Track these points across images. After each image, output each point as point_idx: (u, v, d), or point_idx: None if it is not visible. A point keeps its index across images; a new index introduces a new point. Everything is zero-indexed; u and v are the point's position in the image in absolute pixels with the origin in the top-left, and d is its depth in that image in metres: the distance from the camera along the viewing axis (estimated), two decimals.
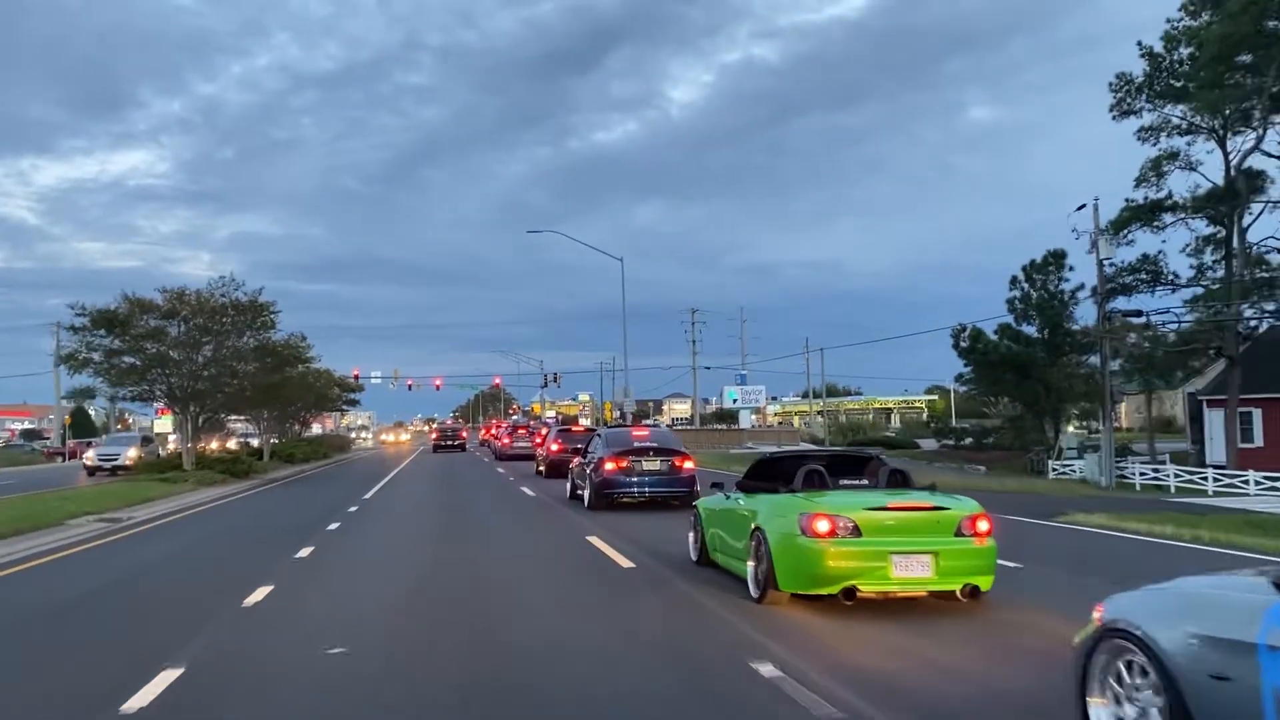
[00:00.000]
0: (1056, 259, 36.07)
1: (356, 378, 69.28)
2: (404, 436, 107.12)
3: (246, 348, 28.89)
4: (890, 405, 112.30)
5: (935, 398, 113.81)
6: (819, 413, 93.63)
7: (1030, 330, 36.70)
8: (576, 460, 21.35)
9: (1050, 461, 33.07)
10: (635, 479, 18.11)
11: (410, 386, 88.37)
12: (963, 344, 36.10)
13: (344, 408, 63.61)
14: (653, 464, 18.27)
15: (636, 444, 18.70)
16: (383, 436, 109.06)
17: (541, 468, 31.48)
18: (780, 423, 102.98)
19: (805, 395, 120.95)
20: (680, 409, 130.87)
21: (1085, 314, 36.35)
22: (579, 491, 20.29)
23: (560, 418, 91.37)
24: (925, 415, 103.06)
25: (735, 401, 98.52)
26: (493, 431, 60.43)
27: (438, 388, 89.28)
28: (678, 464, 18.37)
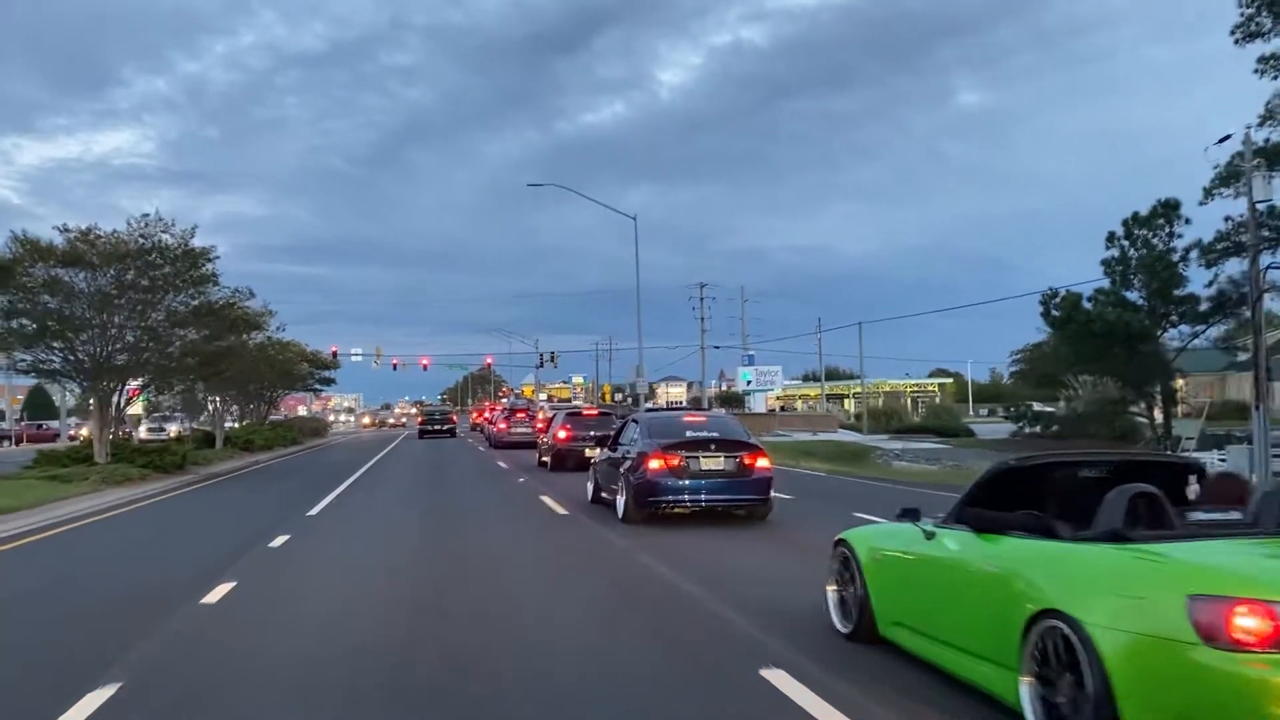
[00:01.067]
0: (1168, 210, 31.26)
1: (334, 355, 64.63)
2: (389, 420, 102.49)
3: (179, 306, 24.10)
4: (901, 388, 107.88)
5: (948, 380, 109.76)
6: (830, 396, 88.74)
7: (1129, 297, 32.00)
8: (599, 454, 16.76)
9: (1169, 454, 28.41)
10: (690, 482, 13.55)
11: (395, 366, 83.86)
12: (1055, 312, 31.38)
13: (317, 387, 58.84)
14: (714, 461, 13.65)
15: (691, 434, 14.08)
16: (364, 420, 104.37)
17: (546, 459, 27.02)
18: (783, 407, 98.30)
19: (806, 378, 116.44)
20: (675, 393, 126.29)
21: (1196, 278, 31.61)
22: (605, 495, 15.78)
23: (555, 400, 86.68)
24: (938, 399, 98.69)
25: (749, 383, 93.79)
26: (486, 415, 55.60)
27: (425, 368, 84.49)
28: (748, 461, 13.76)
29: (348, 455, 35.95)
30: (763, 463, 13.93)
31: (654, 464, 13.59)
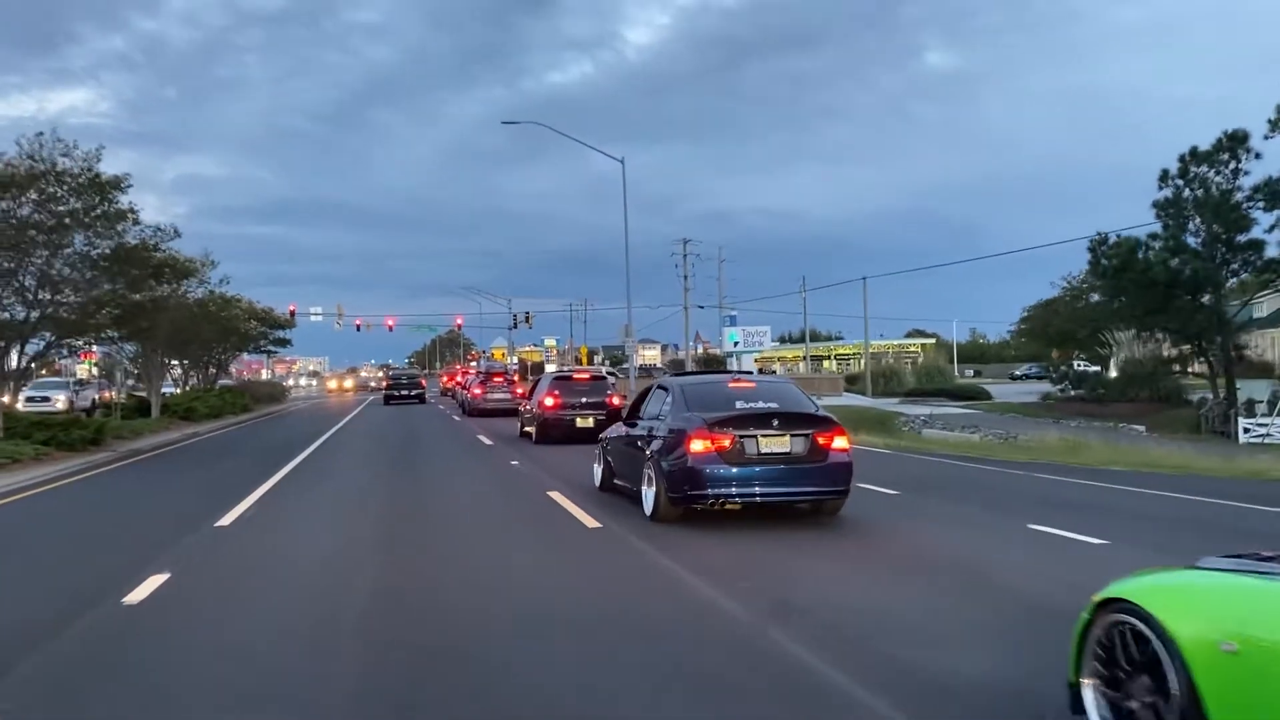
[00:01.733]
0: (1234, 143, 27.77)
1: (292, 314, 60.29)
2: (347, 384, 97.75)
3: (86, 249, 20.05)
4: (884, 349, 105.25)
5: (929, 340, 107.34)
6: (814, 357, 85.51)
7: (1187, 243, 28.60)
8: (612, 431, 13.18)
9: (1241, 420, 25.22)
10: (746, 470, 10.00)
11: (359, 327, 79.54)
12: (1107, 260, 27.95)
13: (272, 349, 54.55)
14: (777, 441, 10.12)
15: (744, 406, 10.51)
16: (329, 383, 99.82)
17: (530, 429, 23.47)
18: (762, 370, 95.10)
19: (783, 340, 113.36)
20: (649, 355, 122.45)
21: (1264, 222, 28.22)
22: (621, 483, 12.28)
23: (525, 364, 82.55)
24: (920, 360, 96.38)
25: (736, 344, 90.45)
26: (459, 379, 51.55)
27: (390, 328, 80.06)
28: (822, 441, 10.24)
29: (302, 426, 32.04)
30: (840, 442, 10.34)
31: (697, 445, 9.98)
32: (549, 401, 22.51)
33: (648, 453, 10.90)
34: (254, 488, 13.59)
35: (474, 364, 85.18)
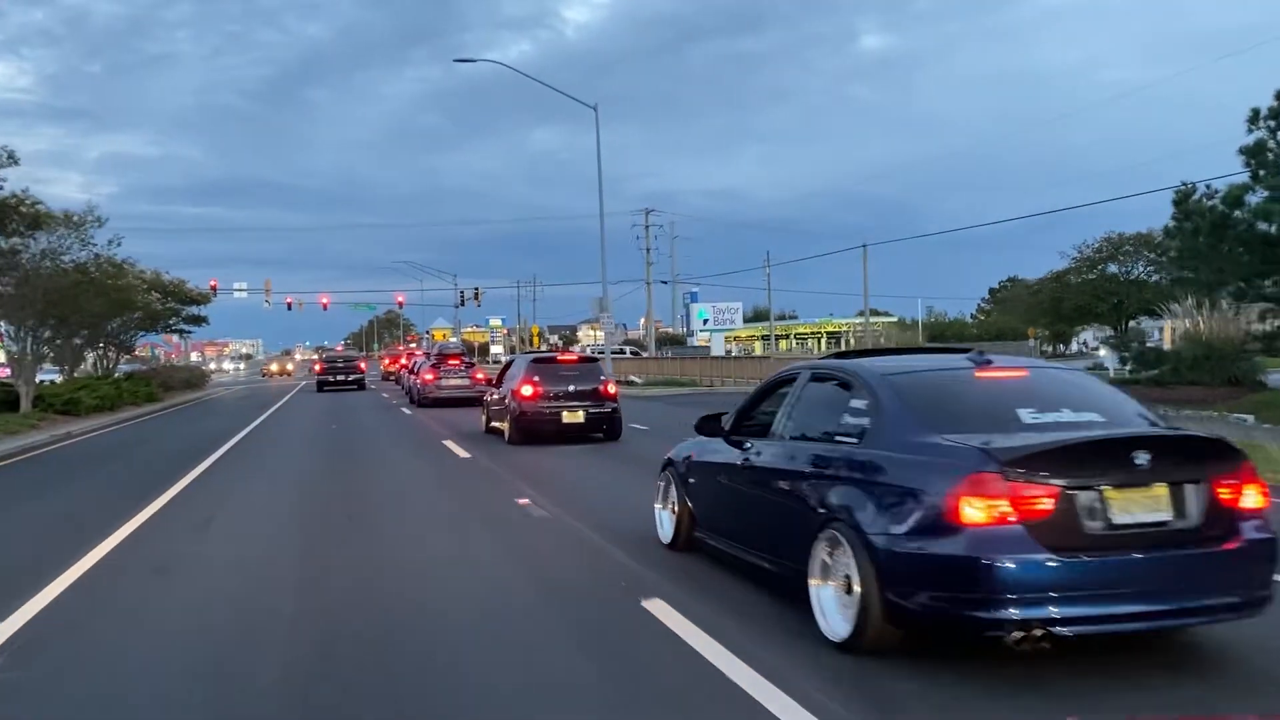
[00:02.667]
0: None
1: (214, 289, 53.48)
2: (289, 367, 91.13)
3: None
4: (844, 328, 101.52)
5: (890, 319, 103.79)
6: (763, 337, 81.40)
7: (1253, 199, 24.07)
8: (715, 456, 7.45)
9: None
10: (1080, 564, 4.73)
11: (290, 305, 72.70)
12: (1200, 213, 23.33)
13: (184, 329, 47.76)
14: (1145, 500, 4.84)
15: (1038, 419, 5.27)
16: (270, 368, 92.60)
17: (500, 425, 18.43)
18: (728, 350, 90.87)
19: (746, 319, 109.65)
20: (598, 335, 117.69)
21: None
22: (719, 543, 7.09)
23: (472, 347, 76.21)
24: (882, 339, 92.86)
25: (706, 321, 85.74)
26: (404, 362, 45.19)
27: (325, 307, 73.59)
28: (1225, 495, 5.02)
29: (209, 424, 25.97)
30: (1254, 496, 5.13)
31: (976, 510, 4.68)
32: (527, 391, 17.31)
33: (822, 507, 5.55)
34: (77, 556, 7.92)
35: (415, 345, 78.18)
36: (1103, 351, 39.18)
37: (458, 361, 31.49)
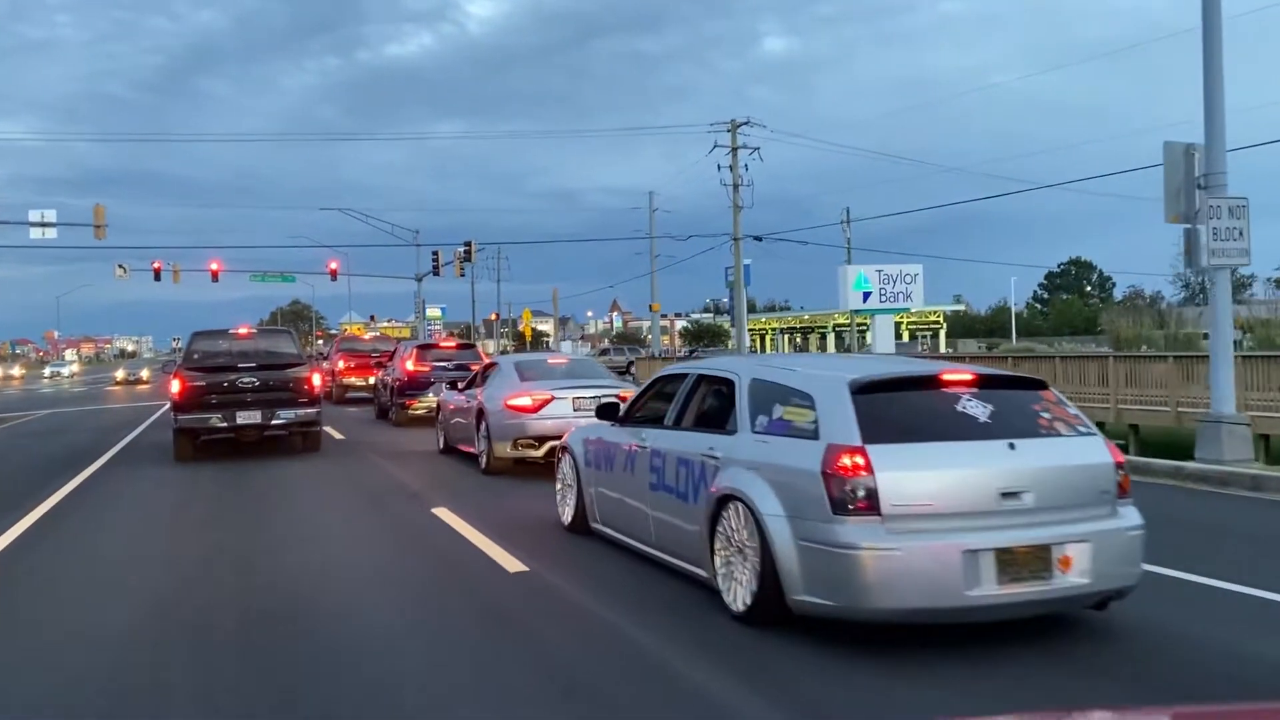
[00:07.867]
0: None
1: None
2: (144, 374, 63.18)
3: None
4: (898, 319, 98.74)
5: (959, 308, 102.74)
6: (795, 329, 75.39)
7: None
8: None
9: None
10: None
11: (159, 273, 46.06)
12: None
13: None
14: None
15: None
16: (117, 375, 62.92)
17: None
18: (693, 350, 72.89)
19: (707, 309, 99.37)
20: (544, 328, 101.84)
21: None
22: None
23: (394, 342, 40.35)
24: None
25: (867, 298, 76.46)
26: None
27: (215, 276, 46.61)
28: None
29: None
30: None
31: None
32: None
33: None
34: None
35: (336, 331, 57.22)
36: None
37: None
